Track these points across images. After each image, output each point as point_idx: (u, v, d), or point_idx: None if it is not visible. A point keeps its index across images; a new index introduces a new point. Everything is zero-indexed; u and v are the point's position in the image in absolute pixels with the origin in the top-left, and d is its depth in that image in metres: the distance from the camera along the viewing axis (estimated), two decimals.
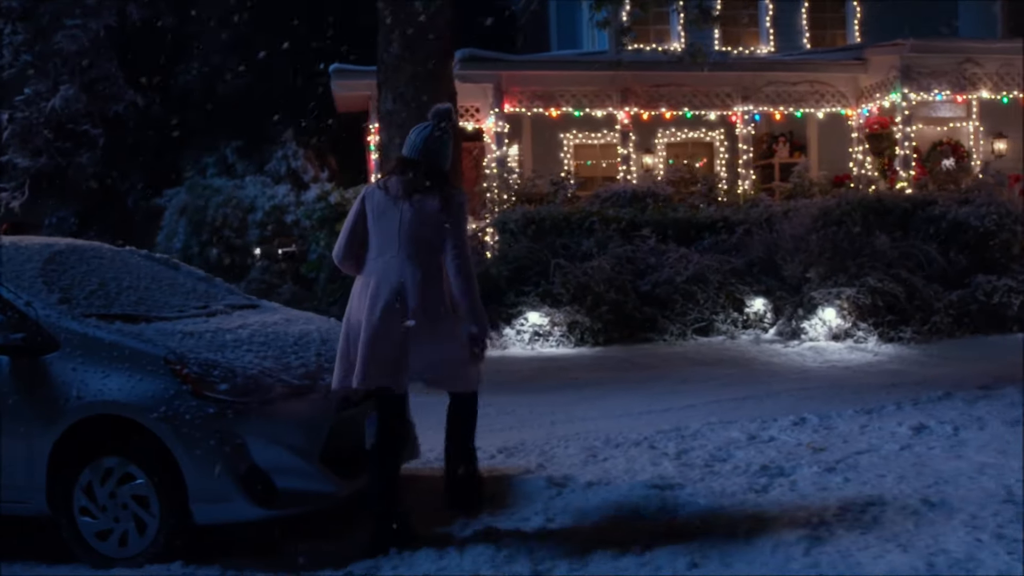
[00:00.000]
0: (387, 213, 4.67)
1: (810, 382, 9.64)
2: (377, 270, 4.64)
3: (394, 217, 4.65)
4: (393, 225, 4.65)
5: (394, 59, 11.37)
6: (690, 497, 5.12)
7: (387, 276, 4.59)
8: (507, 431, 7.66)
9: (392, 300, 4.53)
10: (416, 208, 4.62)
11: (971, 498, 4.76)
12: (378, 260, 4.67)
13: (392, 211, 4.66)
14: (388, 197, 4.69)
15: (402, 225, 4.63)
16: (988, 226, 12.45)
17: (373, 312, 4.53)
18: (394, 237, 4.63)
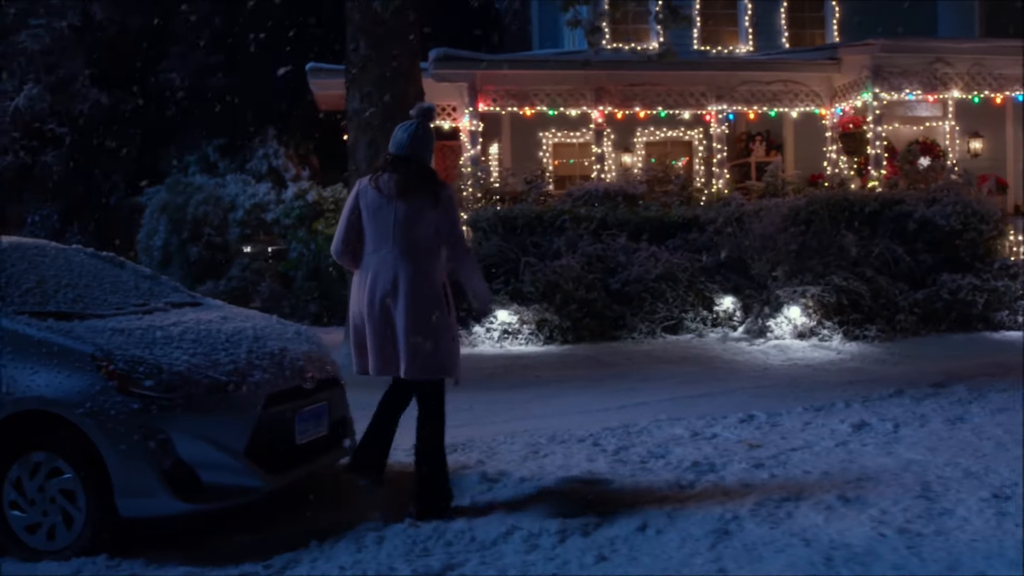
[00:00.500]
0: (381, 210, 4.90)
1: (768, 380, 9.72)
2: (374, 265, 4.90)
3: (388, 214, 4.88)
4: (388, 221, 4.88)
5: (361, 59, 11.42)
6: (615, 493, 5.20)
7: (383, 271, 4.85)
8: (460, 428, 7.65)
9: (388, 297, 4.82)
10: (408, 205, 4.87)
11: (887, 494, 4.84)
12: (374, 255, 4.92)
13: (386, 208, 4.89)
14: (381, 194, 4.91)
15: (396, 221, 4.87)
16: (954, 225, 12.52)
17: (373, 306, 4.85)
18: (389, 233, 4.88)
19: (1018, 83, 15.40)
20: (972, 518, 4.40)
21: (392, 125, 10.86)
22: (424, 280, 4.86)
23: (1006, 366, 9.73)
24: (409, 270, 4.83)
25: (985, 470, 5.25)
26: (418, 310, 4.83)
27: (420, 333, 4.83)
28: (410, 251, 4.85)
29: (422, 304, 4.84)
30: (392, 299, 4.83)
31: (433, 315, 4.86)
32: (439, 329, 4.88)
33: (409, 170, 4.93)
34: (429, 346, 4.85)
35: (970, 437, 6.27)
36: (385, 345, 4.88)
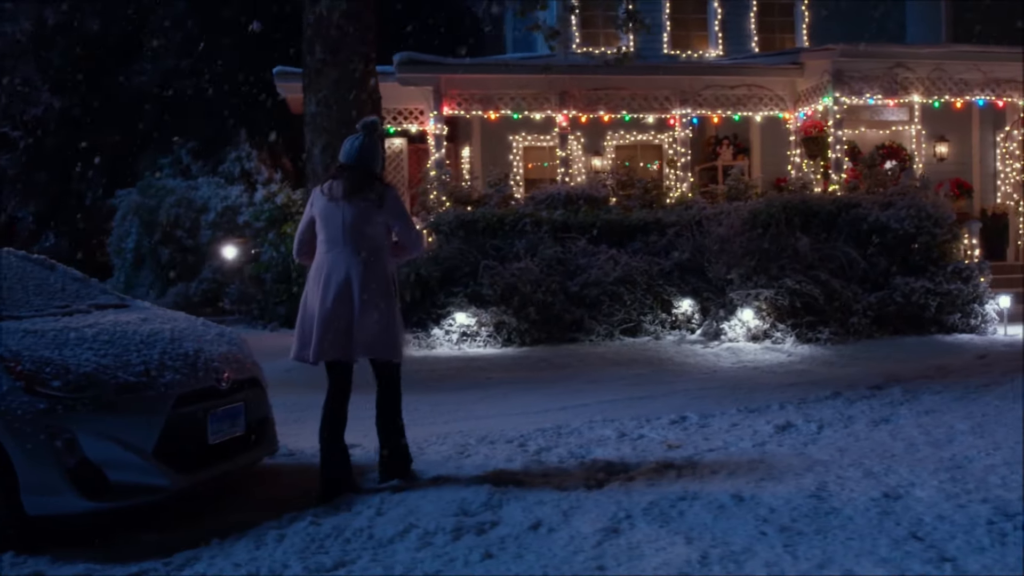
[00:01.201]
0: (332, 214, 5.43)
1: (713, 382, 9.82)
2: (327, 263, 5.42)
3: (337, 216, 5.41)
4: (337, 223, 5.41)
5: (317, 63, 11.52)
6: (522, 492, 5.27)
7: (336, 268, 5.39)
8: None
9: (341, 289, 5.34)
10: (355, 207, 5.39)
11: (782, 494, 4.93)
12: (328, 254, 5.44)
13: (335, 211, 5.42)
14: (331, 199, 5.44)
15: (344, 223, 5.39)
16: (907, 229, 12.63)
17: (325, 301, 5.35)
18: (339, 234, 5.41)
19: (978, 88, 15.53)
20: (856, 517, 4.49)
21: (348, 129, 11.02)
22: (374, 275, 5.41)
23: (948, 368, 9.86)
24: (360, 267, 5.35)
25: (886, 471, 5.34)
26: (371, 301, 5.36)
27: (374, 322, 5.37)
28: (359, 250, 5.37)
29: (374, 296, 5.38)
30: (347, 293, 5.33)
31: (383, 305, 5.42)
32: (389, 317, 5.45)
33: (354, 176, 5.43)
34: (382, 332, 5.41)
35: (886, 438, 6.37)
36: (337, 335, 5.34)
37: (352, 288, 5.34)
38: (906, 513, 4.53)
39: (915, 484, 5.03)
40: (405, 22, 21.38)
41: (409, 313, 12.96)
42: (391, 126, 17.09)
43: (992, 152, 18.13)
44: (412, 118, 16.88)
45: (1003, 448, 5.88)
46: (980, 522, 4.33)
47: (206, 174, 19.98)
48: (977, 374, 9.34)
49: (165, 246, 18.73)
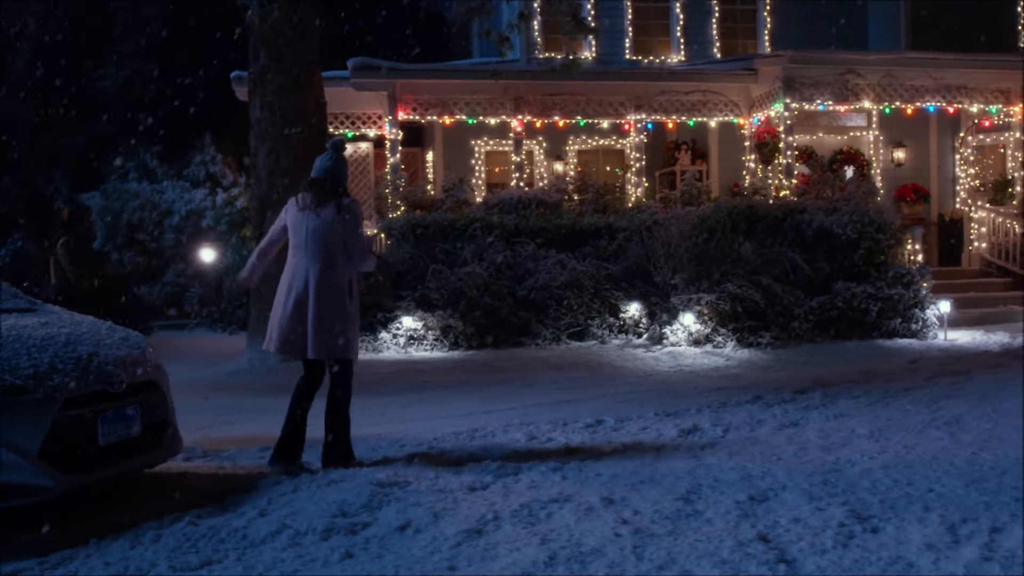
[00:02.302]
0: (300, 222, 6.01)
1: (645, 385, 9.92)
2: (292, 267, 6.00)
3: (304, 225, 5.99)
4: (302, 231, 5.98)
5: (261, 69, 11.62)
6: (405, 494, 5.37)
7: (298, 272, 5.95)
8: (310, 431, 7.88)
9: (302, 291, 5.89)
10: (320, 218, 5.94)
11: (652, 496, 5.03)
12: (293, 259, 6.02)
13: (303, 220, 6.00)
14: (301, 209, 6.04)
15: (308, 231, 5.96)
16: (850, 234, 12.77)
17: (288, 301, 5.94)
18: (303, 241, 5.97)
19: (929, 94, 15.69)
20: (716, 520, 4.58)
21: (291, 133, 11.16)
22: (330, 280, 5.91)
23: (876, 373, 9.98)
24: (318, 271, 5.88)
25: (764, 474, 5.44)
26: (325, 304, 5.88)
27: (327, 322, 5.89)
28: (319, 256, 5.90)
29: (328, 299, 5.90)
30: (304, 296, 5.88)
31: (338, 308, 5.93)
32: (343, 319, 5.97)
33: (322, 189, 6.01)
34: (335, 333, 5.92)
35: (782, 442, 6.48)
36: (295, 333, 5.91)
37: (309, 292, 5.87)
38: (765, 516, 4.63)
39: (786, 487, 5.12)
40: (372, 27, 21.51)
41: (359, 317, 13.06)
42: (349, 131, 17.19)
43: (951, 158, 18.31)
44: (371, 123, 16.98)
45: (888, 452, 6.00)
46: (832, 524, 4.43)
47: (171, 177, 20.05)
48: (901, 379, 9.46)
49: (128, 249, 18.78)
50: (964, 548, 4.10)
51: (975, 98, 16.00)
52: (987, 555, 4.01)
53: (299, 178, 11.48)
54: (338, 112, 16.96)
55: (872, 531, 4.36)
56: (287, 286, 6.00)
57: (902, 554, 4.06)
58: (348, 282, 6.03)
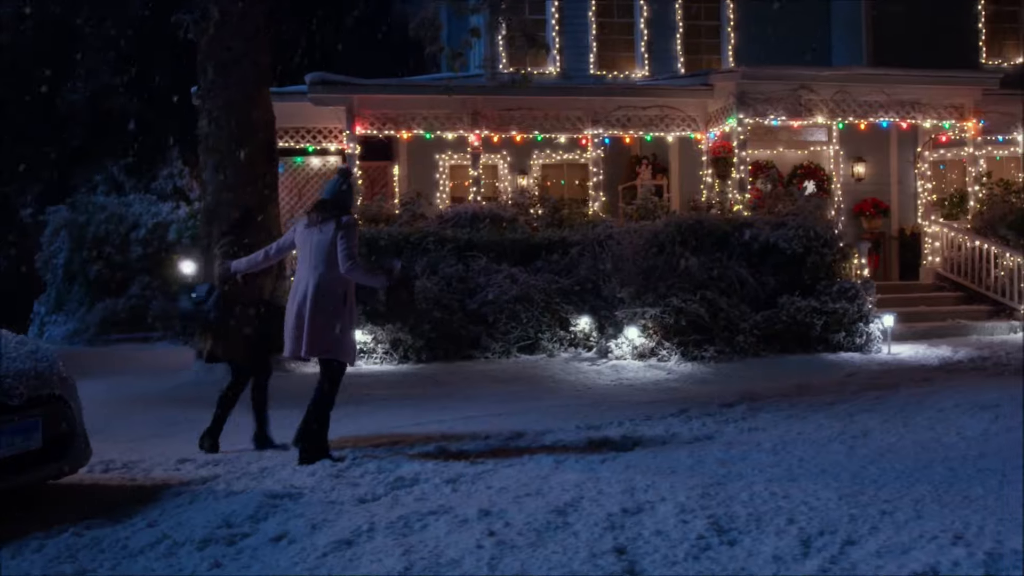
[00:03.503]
0: (306, 237, 6.73)
1: (581, 399, 10.01)
2: (297, 277, 6.76)
3: (309, 239, 6.69)
4: (307, 245, 6.69)
5: (209, 84, 11.73)
6: (295, 506, 5.46)
7: (301, 281, 6.68)
8: (237, 443, 7.97)
9: (302, 297, 6.58)
10: (323, 233, 6.62)
11: (529, 508, 5.12)
12: (299, 271, 6.76)
13: (309, 235, 6.71)
14: (308, 226, 6.75)
15: (311, 244, 6.66)
16: (796, 249, 12.89)
17: (291, 307, 6.67)
18: (307, 254, 6.69)
19: (883, 110, 15.85)
20: (582, 532, 4.67)
21: (237, 148, 11.26)
22: (326, 287, 6.57)
23: (809, 387, 10.09)
24: (316, 282, 6.57)
25: (649, 487, 5.53)
26: (319, 308, 6.55)
27: (319, 323, 6.55)
28: (319, 267, 6.59)
29: (322, 305, 6.56)
30: (303, 303, 6.57)
31: (331, 312, 6.58)
32: (335, 323, 6.60)
33: (327, 208, 6.70)
34: (327, 334, 6.59)
35: (683, 456, 6.57)
36: (299, 336, 6.60)
37: (307, 299, 6.56)
38: (631, 528, 4.73)
39: (665, 500, 5.22)
40: (342, 39, 21.66)
41: None
42: (311, 145, 17.31)
43: (911, 172, 18.45)
44: (332, 137, 17.11)
45: (781, 465, 6.10)
46: (691, 537, 4.53)
47: (139, 191, 20.16)
48: (830, 393, 9.57)
49: (94, 263, 18.86)
50: (811, 560, 4.22)
51: (928, 114, 16.16)
52: (829, 567, 4.11)
53: (245, 192, 11.63)
54: (299, 126, 17.10)
55: (728, 543, 4.47)
56: (293, 294, 6.73)
57: (748, 566, 4.17)
58: (344, 291, 6.67)
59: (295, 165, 20.56)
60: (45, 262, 19.35)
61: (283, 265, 12.41)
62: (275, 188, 12.37)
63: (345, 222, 6.64)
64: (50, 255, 19.46)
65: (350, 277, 6.66)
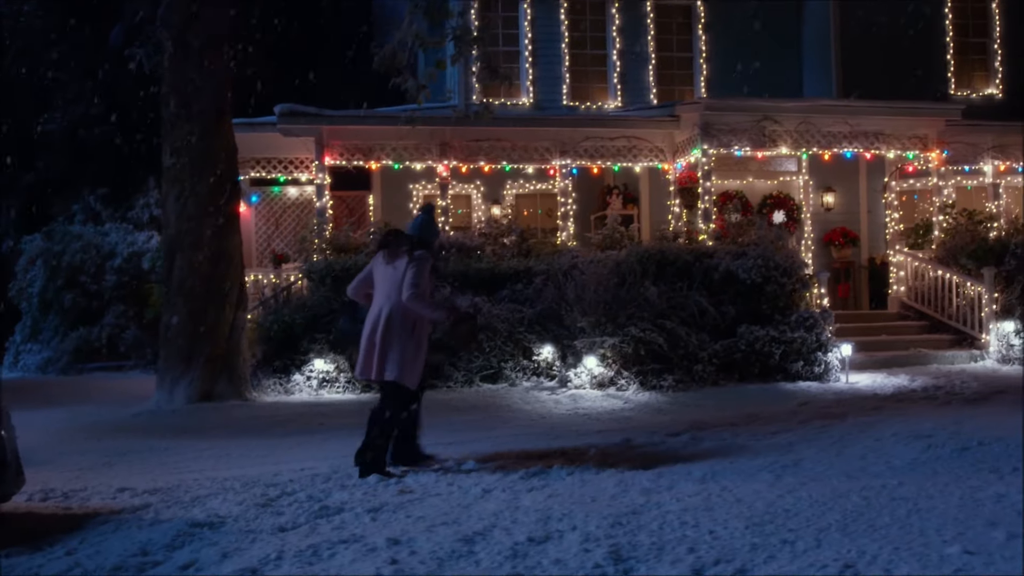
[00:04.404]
0: (383, 269, 7.32)
1: (531, 428, 10.08)
2: (374, 306, 7.29)
3: (383, 272, 7.29)
4: (383, 277, 7.28)
5: (172, 116, 11.86)
6: (213, 534, 5.53)
7: (375, 310, 7.25)
8: (182, 472, 8.04)
9: (373, 325, 7.15)
10: (394, 267, 7.20)
11: (439, 537, 5.20)
12: (376, 299, 7.32)
13: (384, 269, 7.30)
14: (384, 258, 7.32)
15: (386, 276, 7.24)
16: (755, 278, 13.01)
17: (364, 334, 7.20)
18: (382, 285, 7.27)
19: (846, 140, 16.03)
20: (484, 561, 4.74)
21: (199, 179, 11.38)
22: (396, 317, 7.12)
23: (758, 416, 10.18)
24: (388, 311, 7.13)
25: (564, 515, 5.60)
26: (388, 336, 7.11)
27: (387, 350, 7.14)
28: (391, 297, 7.14)
29: (392, 333, 7.12)
30: (375, 329, 7.13)
31: (398, 340, 7.14)
32: (401, 350, 7.16)
33: (399, 244, 7.29)
34: (392, 360, 7.15)
35: (611, 484, 6.64)
36: (370, 359, 7.20)
37: (378, 326, 7.12)
38: (533, 557, 4.78)
39: (575, 528, 5.28)
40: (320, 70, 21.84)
41: (273, 359, 13.25)
42: (282, 175, 17.46)
43: (881, 202, 18.61)
44: (303, 167, 17.24)
45: (703, 494, 6.16)
46: (588, 566, 4.60)
47: (116, 220, 20.24)
48: (778, 422, 9.66)
49: (68, 291, 18.93)
50: None
51: (892, 144, 16.34)
52: None
53: (206, 223, 11.74)
54: (271, 157, 17.24)
55: (623, 572, 4.54)
56: (367, 320, 7.29)
57: None
58: (413, 320, 7.20)
59: (272, 195, 20.70)
60: (20, 291, 19.42)
61: (243, 296, 12.53)
62: (237, 218, 12.47)
63: (417, 256, 7.14)
64: (26, 284, 19.53)
65: (410, 307, 7.09)
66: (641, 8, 19.89)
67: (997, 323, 14.31)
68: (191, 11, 11.57)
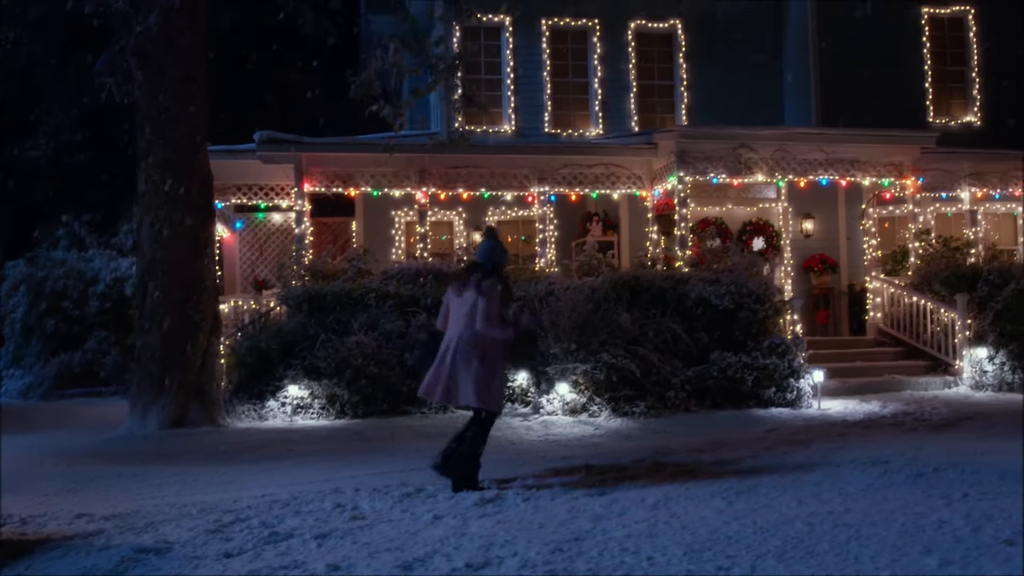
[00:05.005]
0: (455, 298, 7.67)
1: (502, 454, 10.05)
2: (449, 333, 7.61)
3: (457, 299, 7.63)
4: (458, 303, 7.61)
5: (146, 143, 11.96)
6: (158, 560, 5.57)
7: (449, 337, 7.56)
8: (144, 499, 8.07)
9: (444, 352, 7.50)
10: (473, 293, 7.48)
11: (379, 564, 5.24)
12: (450, 327, 7.64)
13: (456, 297, 7.65)
14: (456, 288, 7.70)
15: (463, 303, 7.55)
16: (727, 305, 13.08)
17: (438, 359, 7.54)
18: (459, 311, 7.58)
19: (822, 168, 16.16)
20: None
21: (173, 206, 11.45)
22: (471, 344, 7.40)
23: (724, 443, 10.23)
24: (465, 338, 7.43)
25: (507, 542, 5.62)
26: (463, 363, 7.41)
27: (463, 376, 7.43)
28: (462, 327, 7.47)
29: (466, 359, 7.40)
30: (445, 354, 7.48)
31: (476, 365, 7.39)
32: (477, 375, 7.40)
33: (470, 272, 7.68)
34: (470, 385, 7.42)
35: (563, 511, 6.67)
36: (449, 384, 7.48)
37: (452, 352, 7.42)
38: None
39: (516, 555, 5.32)
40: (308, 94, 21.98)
41: (248, 385, 13.28)
42: (263, 201, 17.55)
43: (860, 229, 18.72)
44: (284, 194, 17.34)
45: (650, 520, 6.20)
46: None
47: (100, 246, 20.32)
48: (744, 448, 9.72)
49: (51, 317, 18.97)
50: None
51: (868, 171, 16.48)
52: None
53: (180, 250, 11.81)
54: (252, 183, 17.33)
55: None
56: (442, 345, 7.60)
57: None
58: (483, 348, 7.44)
59: (256, 221, 20.82)
60: (3, 317, 19.46)
61: (217, 323, 12.58)
62: (211, 245, 12.55)
63: (485, 288, 7.46)
64: (9, 310, 19.57)
65: (485, 334, 7.42)
66: (623, 36, 20.10)
67: (970, 349, 14.38)
68: (166, 39, 11.68)
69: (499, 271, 7.72)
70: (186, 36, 11.85)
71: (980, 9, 20.20)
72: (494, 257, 7.73)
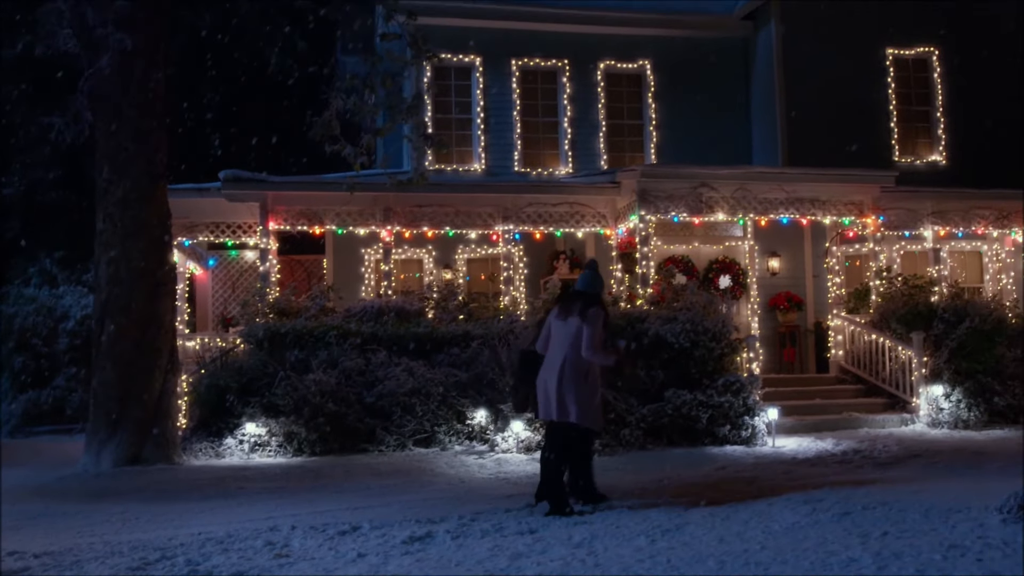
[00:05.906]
0: (558, 324, 8.30)
1: (451, 492, 10.13)
2: (552, 357, 8.25)
3: (559, 327, 8.28)
4: (559, 332, 8.25)
5: (104, 182, 12.07)
6: None
7: (552, 360, 8.23)
8: (83, 536, 8.09)
9: (549, 374, 8.18)
10: (568, 323, 8.18)
11: None
12: (552, 351, 8.29)
13: (559, 323, 8.30)
14: (558, 315, 8.36)
15: (564, 328, 8.21)
16: (683, 343, 13.18)
17: (542, 380, 8.26)
18: (558, 338, 8.25)
19: (782, 207, 16.32)
20: None
21: (131, 244, 11.57)
22: (571, 366, 8.08)
23: (673, 480, 10.27)
24: (562, 362, 8.10)
25: None
26: (564, 384, 8.09)
27: (564, 396, 8.10)
28: (565, 350, 8.12)
29: (568, 380, 8.09)
30: (550, 376, 8.14)
31: (574, 387, 8.09)
32: (576, 395, 8.10)
33: (572, 301, 8.33)
34: (569, 404, 8.11)
35: (484, 551, 6.73)
36: (549, 404, 8.17)
37: (555, 375, 8.07)
38: None
39: None
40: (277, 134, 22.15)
41: (207, 423, 13.32)
42: (230, 239, 17.64)
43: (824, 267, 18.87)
44: (251, 232, 17.43)
45: (567, 559, 6.27)
46: None
47: (71, 283, 20.40)
48: (689, 485, 9.78)
49: (20, 354, 19.01)
50: None
51: (829, 210, 16.65)
52: None
53: (137, 288, 11.88)
54: (219, 221, 17.44)
55: None
56: (545, 368, 8.25)
57: None
58: (586, 369, 8.13)
59: (229, 258, 20.89)
60: None
61: (175, 360, 12.63)
62: (169, 283, 12.63)
63: (589, 315, 8.06)
64: None
65: (590, 360, 8.07)
66: (592, 77, 20.36)
67: (927, 387, 14.48)
68: (122, 80, 11.83)
69: (600, 299, 8.33)
70: (144, 75, 11.99)
71: (944, 50, 20.50)
72: (592, 286, 8.37)
